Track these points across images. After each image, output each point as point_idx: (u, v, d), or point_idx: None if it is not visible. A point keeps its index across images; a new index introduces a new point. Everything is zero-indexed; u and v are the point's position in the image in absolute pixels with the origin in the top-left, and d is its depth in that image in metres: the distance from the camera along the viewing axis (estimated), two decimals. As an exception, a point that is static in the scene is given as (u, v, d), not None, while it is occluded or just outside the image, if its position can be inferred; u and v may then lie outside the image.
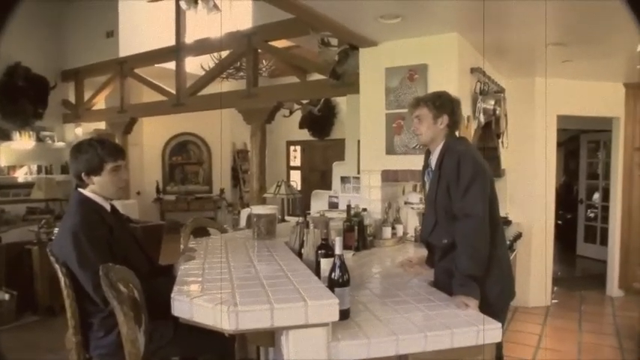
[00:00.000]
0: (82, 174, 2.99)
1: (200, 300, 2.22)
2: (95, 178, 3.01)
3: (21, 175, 10.02)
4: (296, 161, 15.18)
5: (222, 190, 13.87)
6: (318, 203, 7.13)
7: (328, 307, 2.14)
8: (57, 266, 2.83)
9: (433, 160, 3.25)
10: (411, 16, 4.34)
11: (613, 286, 7.78)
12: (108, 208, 3.13)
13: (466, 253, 2.86)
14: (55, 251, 2.89)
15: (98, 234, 2.88)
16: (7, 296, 6.30)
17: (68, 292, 2.83)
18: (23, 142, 9.88)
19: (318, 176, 14.07)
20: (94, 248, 2.77)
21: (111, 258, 2.61)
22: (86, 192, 3.04)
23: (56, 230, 6.64)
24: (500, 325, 2.45)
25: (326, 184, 10.37)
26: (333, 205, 6.56)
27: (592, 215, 10.59)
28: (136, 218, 8.07)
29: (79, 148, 3.05)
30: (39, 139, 10.21)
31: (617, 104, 7.51)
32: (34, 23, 10.10)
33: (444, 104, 3.22)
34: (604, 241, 8.97)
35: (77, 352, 2.89)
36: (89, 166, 2.99)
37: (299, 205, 11.30)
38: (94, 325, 2.88)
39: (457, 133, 3.32)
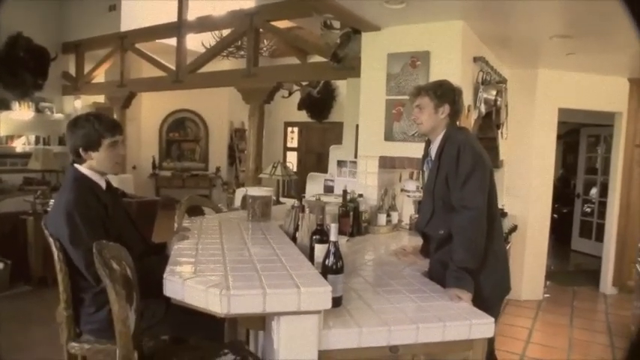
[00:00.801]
0: (80, 149, 2.95)
1: (192, 282, 2.19)
2: (93, 154, 2.97)
3: (19, 145, 10.01)
4: (293, 142, 15.16)
5: (217, 169, 13.85)
6: (314, 186, 7.11)
7: (321, 294, 2.12)
8: (51, 240, 2.81)
9: (433, 149, 3.21)
10: (416, 2, 4.29)
11: (607, 283, 7.77)
12: (103, 185, 3.10)
13: (462, 245, 2.84)
14: (48, 227, 2.87)
15: (92, 212, 2.85)
16: (1, 265, 6.31)
17: (61, 266, 2.81)
18: (22, 112, 9.85)
19: (314, 158, 14.06)
20: (87, 227, 2.74)
21: (104, 237, 2.57)
22: (82, 168, 3.01)
23: (51, 202, 6.67)
24: (492, 320, 2.44)
25: (322, 167, 10.35)
26: (329, 189, 6.55)
27: (588, 210, 10.59)
28: (131, 193, 8.06)
29: (75, 123, 3.01)
30: (38, 110, 10.19)
31: (620, 99, 7.45)
32: (37, -5, 10.06)
33: (445, 93, 3.18)
34: (599, 237, 8.97)
35: (67, 326, 2.88)
36: (87, 142, 2.95)
37: (294, 186, 11.29)
38: (85, 300, 2.87)
39: (458, 123, 3.29)
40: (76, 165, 3.02)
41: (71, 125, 3.01)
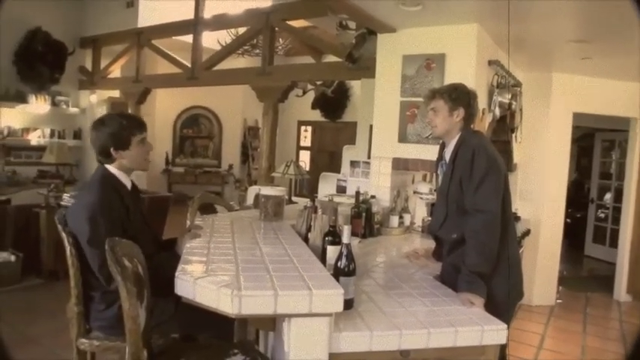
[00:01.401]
0: (111, 149, 2.97)
1: (204, 281, 2.19)
2: (123, 152, 3.00)
3: (34, 138, 10.05)
4: (306, 141, 15.14)
5: (230, 166, 13.87)
6: (326, 186, 7.09)
7: (333, 297, 2.11)
8: (64, 235, 2.83)
9: (447, 152, 3.20)
10: (432, 4, 4.28)
11: (621, 290, 7.69)
12: (129, 185, 3.13)
13: (475, 249, 2.82)
14: (69, 222, 2.88)
15: (114, 215, 2.86)
16: (13, 258, 6.35)
17: (73, 261, 2.82)
18: (38, 105, 9.89)
19: (327, 158, 14.03)
20: (107, 229, 2.73)
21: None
22: (111, 168, 3.03)
23: (65, 196, 6.72)
24: (505, 326, 2.41)
25: (334, 167, 10.33)
26: (341, 189, 6.53)
27: (602, 215, 10.52)
28: (144, 188, 8.08)
29: (103, 122, 3.03)
30: (54, 104, 10.22)
31: (635, 105, 7.33)
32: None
33: (460, 97, 3.16)
34: (613, 243, 8.91)
35: (78, 322, 2.89)
36: (117, 140, 2.97)
37: (307, 186, 11.29)
38: (95, 298, 2.88)
39: (472, 126, 3.27)
40: (106, 165, 3.03)
41: (98, 125, 3.02)
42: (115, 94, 11.17)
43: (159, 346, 2.69)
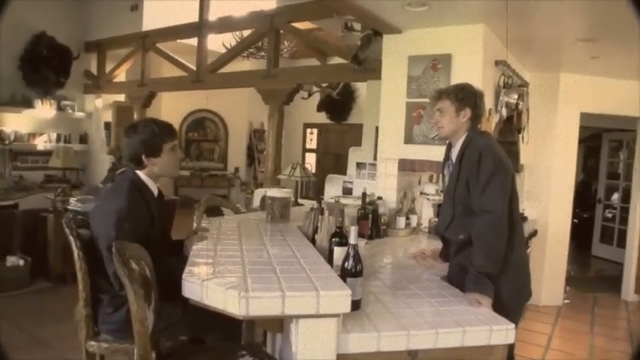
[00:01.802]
0: (142, 156, 2.98)
1: (211, 283, 2.19)
2: (154, 159, 3.02)
3: (40, 143, 10.04)
4: (312, 144, 15.14)
5: (236, 169, 13.89)
6: (332, 188, 7.09)
7: (340, 297, 2.11)
8: (71, 238, 2.83)
9: (454, 153, 3.19)
10: (438, 4, 4.28)
11: (628, 290, 7.67)
12: (156, 193, 3.15)
13: (482, 250, 2.82)
14: (91, 222, 2.92)
15: (140, 223, 2.88)
16: (21, 262, 6.40)
17: (81, 264, 2.83)
18: (44, 110, 9.88)
19: (332, 160, 14.03)
20: (131, 236, 2.69)
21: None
22: (141, 174, 3.04)
23: (72, 200, 6.73)
24: (513, 326, 2.41)
25: (341, 169, 10.32)
26: (348, 191, 6.53)
27: (610, 216, 10.49)
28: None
29: (134, 129, 3.03)
30: (59, 108, 10.22)
31: (643, 104, 7.36)
32: (60, -6, 10.15)
33: (466, 97, 3.15)
34: (621, 243, 8.89)
35: (86, 325, 2.90)
36: (148, 148, 2.99)
37: (313, 188, 11.28)
38: (103, 300, 2.88)
39: (479, 127, 3.26)
40: (136, 171, 3.04)
41: (130, 132, 3.02)
42: (121, 98, 11.19)
43: (167, 348, 2.69)
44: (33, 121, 9.90)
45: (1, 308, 5.70)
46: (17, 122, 9.60)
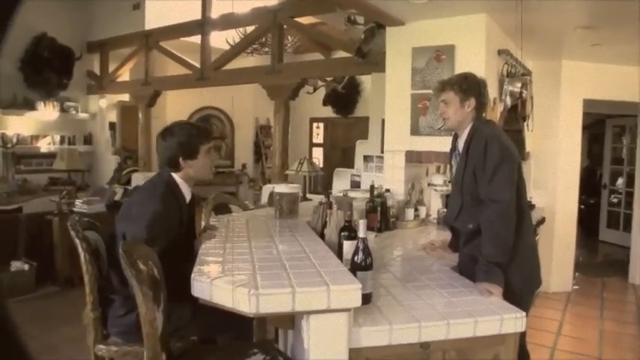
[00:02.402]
0: (180, 158, 3.00)
1: (220, 281, 2.19)
2: (191, 162, 3.03)
3: (44, 145, 10.01)
4: (318, 138, 15.10)
5: (244, 166, 13.86)
6: (340, 181, 7.10)
7: (351, 292, 2.11)
8: (77, 241, 2.83)
9: (460, 143, 3.19)
10: (440, -5, 4.27)
11: (636, 274, 7.70)
12: (189, 198, 3.16)
13: (491, 240, 2.82)
14: (120, 216, 2.95)
15: (172, 227, 2.91)
16: (26, 266, 6.39)
17: (87, 267, 2.82)
18: (47, 112, 9.86)
19: (340, 154, 14.00)
20: (162, 239, 2.76)
21: (166, 252, 2.66)
22: (177, 177, 3.06)
23: (77, 202, 6.74)
24: (524, 314, 2.42)
25: (348, 162, 10.31)
26: (355, 184, 6.53)
27: (615, 201, 10.51)
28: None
29: (171, 132, 3.06)
30: (63, 110, 10.19)
31: (645, 89, 7.36)
32: (61, -6, 10.13)
33: (470, 87, 3.15)
34: (627, 227, 8.90)
35: (94, 328, 2.89)
36: (186, 150, 3.01)
37: (321, 182, 11.27)
38: (115, 302, 2.88)
39: (484, 115, 3.26)
40: (172, 173, 3.06)
41: (167, 135, 3.04)
42: (125, 97, 11.17)
43: (178, 348, 2.69)
44: (36, 124, 9.87)
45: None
46: (20, 125, 9.57)
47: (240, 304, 2.09)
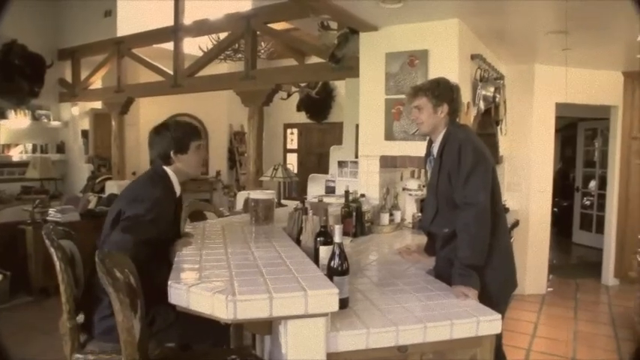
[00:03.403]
0: (171, 152, 3.13)
1: (197, 288, 2.19)
2: (181, 156, 3.16)
3: (16, 154, 9.91)
4: (293, 144, 15.11)
5: (218, 172, 13.82)
6: (315, 187, 7.10)
7: (328, 296, 2.11)
8: (52, 250, 2.79)
9: (435, 148, 3.22)
10: (413, 1, 4.29)
11: (609, 275, 7.81)
12: (178, 192, 3.27)
13: (467, 242, 2.84)
14: (118, 199, 3.09)
15: (167, 214, 3.06)
16: (0, 277, 6.27)
17: (63, 276, 2.78)
18: (18, 120, 9.76)
19: (314, 159, 14.02)
20: (155, 224, 2.90)
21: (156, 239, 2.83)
22: (168, 171, 3.18)
23: (51, 211, 6.66)
24: (499, 316, 2.44)
25: (322, 168, 10.34)
26: (330, 190, 6.54)
27: (588, 203, 10.63)
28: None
29: (166, 127, 3.22)
30: (34, 118, 10.10)
31: (615, 93, 7.51)
32: (31, 1, 10.00)
33: (443, 93, 3.17)
34: (600, 229, 9.00)
35: (71, 337, 2.84)
36: (178, 145, 3.15)
37: (295, 188, 11.28)
38: (104, 301, 2.82)
39: (458, 120, 3.28)
40: (164, 167, 3.18)
41: (162, 130, 3.20)
42: (98, 105, 11.11)
43: (155, 355, 2.68)
44: (7, 132, 9.78)
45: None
46: (-10, 134, 9.49)
47: (217, 311, 2.09)
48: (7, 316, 6.06)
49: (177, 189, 3.25)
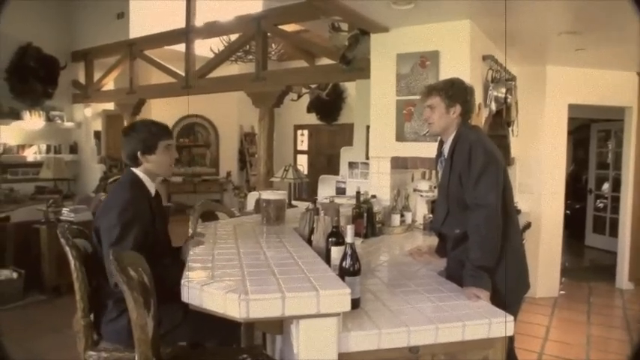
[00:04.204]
0: (138, 153, 3.08)
1: (210, 287, 2.19)
2: (150, 157, 3.11)
3: (30, 155, 10.03)
4: (303, 145, 15.14)
5: (228, 173, 13.86)
6: (326, 188, 7.11)
7: (340, 296, 2.11)
8: (67, 249, 2.82)
9: (446, 149, 3.21)
10: (424, 2, 4.28)
11: (623, 279, 7.72)
12: (153, 191, 3.23)
13: (478, 244, 2.83)
14: (97, 219, 3.00)
15: (144, 216, 2.98)
16: (14, 275, 6.36)
17: (78, 274, 2.82)
18: (33, 121, 9.87)
19: (324, 161, 14.04)
20: (136, 228, 2.85)
21: (144, 241, 2.77)
22: (138, 172, 3.14)
23: (64, 210, 6.71)
24: (512, 318, 2.42)
25: (333, 169, 10.35)
26: (341, 191, 6.54)
27: (601, 205, 10.54)
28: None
29: (133, 128, 3.19)
30: (48, 119, 10.20)
31: (629, 94, 7.43)
32: (45, 4, 10.12)
33: (456, 93, 3.16)
34: (613, 232, 8.95)
35: (85, 335, 2.88)
36: (145, 145, 3.09)
37: (306, 189, 11.29)
38: (108, 306, 2.88)
39: (469, 122, 3.27)
40: (132, 169, 3.14)
41: (129, 131, 3.17)
42: (110, 106, 11.17)
43: (167, 354, 2.69)
44: (22, 133, 9.88)
45: (-2, 323, 5.70)
46: (6, 134, 9.59)
47: (230, 310, 2.09)
48: (21, 313, 6.13)
49: (152, 188, 3.22)
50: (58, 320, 5.43)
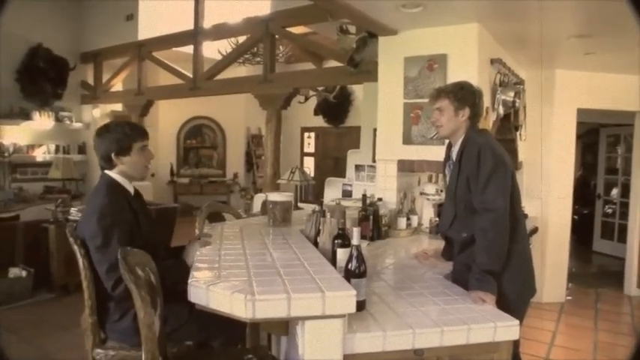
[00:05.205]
0: (112, 154, 3.03)
1: (217, 287, 2.20)
2: (124, 158, 3.05)
3: (39, 154, 10.13)
4: (310, 148, 15.16)
5: (235, 175, 13.89)
6: (332, 191, 7.12)
7: (345, 298, 2.12)
8: (76, 247, 2.84)
9: (454, 152, 3.21)
10: (432, 5, 4.28)
11: (631, 285, 7.65)
12: (132, 191, 3.17)
13: (484, 248, 2.83)
14: (80, 230, 2.92)
15: (124, 218, 2.92)
16: (24, 273, 6.40)
17: (86, 273, 2.84)
18: (42, 121, 9.97)
19: (331, 163, 14.05)
20: (118, 231, 2.80)
21: (131, 243, 2.64)
22: (113, 174, 3.08)
23: (73, 210, 6.74)
24: (517, 322, 2.42)
25: (339, 172, 10.36)
26: (347, 193, 6.55)
27: (609, 211, 10.48)
28: (150, 200, 8.09)
29: (107, 129, 3.11)
30: (57, 119, 10.30)
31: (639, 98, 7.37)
32: (56, 6, 10.20)
33: (466, 96, 3.16)
34: (622, 238, 8.89)
35: (93, 332, 2.89)
36: (118, 147, 3.03)
37: (312, 191, 11.29)
38: (109, 309, 2.89)
39: (478, 125, 3.27)
40: (107, 172, 3.09)
41: (103, 131, 3.09)
42: (118, 107, 11.24)
43: (173, 353, 2.69)
44: (31, 133, 9.96)
45: (5, 320, 5.71)
46: (16, 134, 9.67)
47: (236, 310, 2.10)
48: (29, 311, 6.16)
49: (130, 188, 3.17)
50: (67, 318, 5.45)
